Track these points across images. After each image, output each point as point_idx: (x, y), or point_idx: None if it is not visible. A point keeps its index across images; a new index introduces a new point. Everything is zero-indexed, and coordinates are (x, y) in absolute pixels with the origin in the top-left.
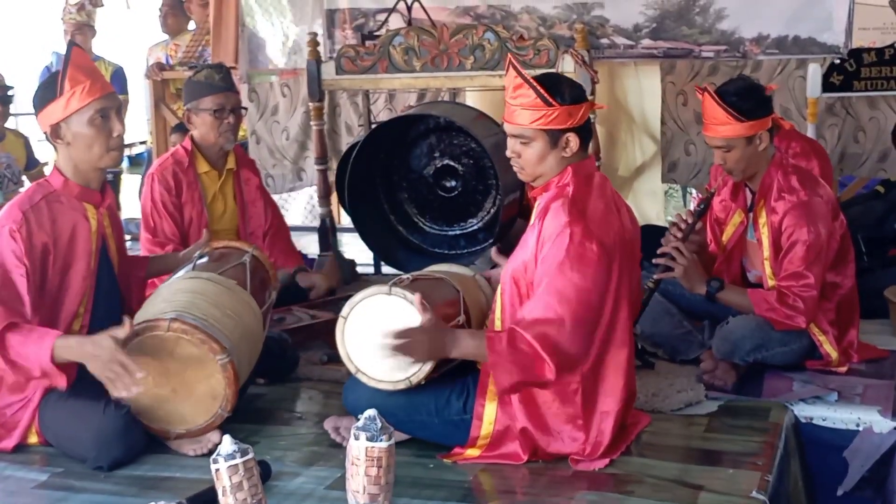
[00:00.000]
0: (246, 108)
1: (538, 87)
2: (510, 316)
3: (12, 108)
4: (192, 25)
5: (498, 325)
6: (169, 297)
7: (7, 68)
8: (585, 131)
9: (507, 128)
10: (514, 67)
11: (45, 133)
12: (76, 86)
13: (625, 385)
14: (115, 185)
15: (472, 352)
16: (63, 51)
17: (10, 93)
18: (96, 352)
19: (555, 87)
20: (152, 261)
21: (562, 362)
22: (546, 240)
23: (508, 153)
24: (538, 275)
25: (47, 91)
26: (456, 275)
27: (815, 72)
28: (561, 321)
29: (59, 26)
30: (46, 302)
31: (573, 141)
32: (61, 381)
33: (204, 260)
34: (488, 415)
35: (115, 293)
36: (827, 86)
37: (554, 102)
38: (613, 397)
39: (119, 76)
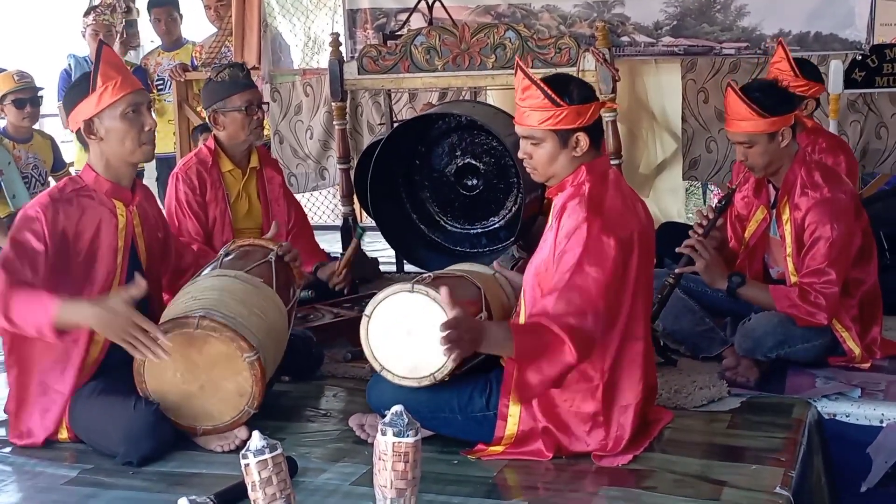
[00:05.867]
0: (268, 104)
1: (546, 88)
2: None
3: None
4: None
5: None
6: (197, 295)
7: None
8: (596, 130)
9: (518, 129)
10: (521, 69)
11: (77, 130)
12: (108, 81)
13: (644, 378)
14: None
15: (499, 342)
16: (80, 53)
17: (39, 94)
18: (106, 314)
19: (562, 88)
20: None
21: (583, 346)
22: (564, 237)
23: (520, 154)
24: (558, 270)
25: (79, 89)
26: (476, 273)
27: (836, 68)
28: (583, 313)
29: (79, 28)
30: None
31: (583, 140)
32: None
33: (230, 257)
34: (513, 415)
35: None
36: (849, 82)
37: (562, 103)
38: (633, 391)
39: (139, 74)
